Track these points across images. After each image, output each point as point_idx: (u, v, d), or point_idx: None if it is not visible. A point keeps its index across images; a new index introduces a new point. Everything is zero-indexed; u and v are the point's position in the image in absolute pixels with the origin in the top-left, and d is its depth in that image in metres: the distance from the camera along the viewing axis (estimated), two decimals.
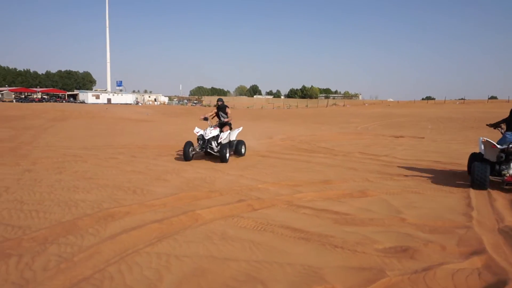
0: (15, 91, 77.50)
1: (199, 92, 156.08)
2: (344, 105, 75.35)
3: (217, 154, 10.00)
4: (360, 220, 5.22)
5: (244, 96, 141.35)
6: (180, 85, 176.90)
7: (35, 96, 78.38)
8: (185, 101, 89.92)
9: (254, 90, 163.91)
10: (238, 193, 6.59)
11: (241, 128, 11.91)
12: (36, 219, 5.05)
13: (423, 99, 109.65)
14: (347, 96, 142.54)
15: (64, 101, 75.40)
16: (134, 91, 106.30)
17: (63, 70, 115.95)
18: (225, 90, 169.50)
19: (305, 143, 15.00)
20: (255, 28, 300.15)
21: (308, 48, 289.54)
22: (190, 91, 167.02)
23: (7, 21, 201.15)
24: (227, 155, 9.98)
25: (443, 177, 8.28)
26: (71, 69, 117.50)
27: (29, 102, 64.17)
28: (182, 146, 10.18)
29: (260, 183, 7.45)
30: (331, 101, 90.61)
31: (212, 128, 10.35)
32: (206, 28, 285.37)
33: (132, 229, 4.66)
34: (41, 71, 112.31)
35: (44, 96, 79.85)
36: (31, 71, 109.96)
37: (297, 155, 11.64)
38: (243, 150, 11.04)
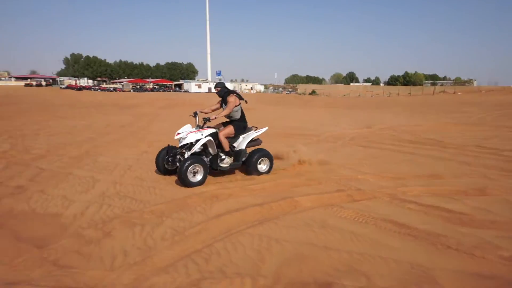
0: (132, 82, 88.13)
1: (293, 80, 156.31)
2: (454, 92, 67.47)
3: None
4: (479, 221, 4.67)
5: (340, 84, 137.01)
6: (275, 74, 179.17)
7: (147, 86, 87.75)
8: (280, 89, 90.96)
9: (350, 78, 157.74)
10: (337, 182, 6.46)
11: (263, 130, 7.38)
12: (153, 195, 5.69)
13: None
14: (458, 82, 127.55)
15: (171, 90, 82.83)
16: (232, 80, 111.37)
17: (170, 62, 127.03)
18: (320, 77, 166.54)
19: (408, 134, 13.92)
20: (352, 13, 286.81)
21: (411, 32, 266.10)
22: (285, 79, 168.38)
23: (126, 22, 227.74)
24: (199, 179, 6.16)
25: None
26: (176, 61, 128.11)
27: (143, 91, 72.11)
28: (279, 134, 10.27)
29: (359, 174, 7.19)
30: (438, 88, 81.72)
31: (194, 129, 6.60)
32: (301, 15, 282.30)
33: (235, 211, 4.94)
34: (152, 63, 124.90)
35: (155, 86, 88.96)
36: (144, 64, 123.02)
37: (400, 146, 10.88)
38: (263, 167, 7.04)
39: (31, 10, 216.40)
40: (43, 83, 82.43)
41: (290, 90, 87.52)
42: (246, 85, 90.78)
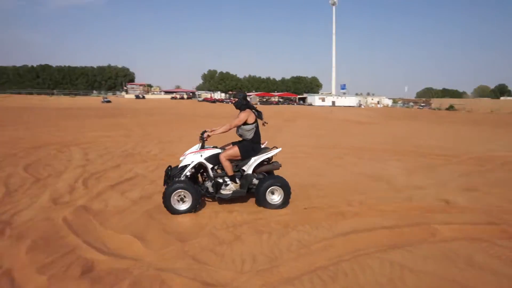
0: (259, 95, 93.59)
1: (427, 94, 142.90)
2: None
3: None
4: None
5: (486, 98, 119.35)
6: (406, 87, 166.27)
7: (273, 100, 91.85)
8: (411, 103, 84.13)
9: (501, 91, 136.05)
10: (486, 213, 5.54)
11: (275, 151, 5.93)
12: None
13: None
14: None
15: (295, 104, 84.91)
16: (357, 94, 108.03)
17: (295, 76, 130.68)
18: (460, 91, 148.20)
19: None
20: (502, 9, 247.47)
21: None
22: (417, 93, 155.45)
23: (256, 40, 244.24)
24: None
25: None
26: (301, 75, 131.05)
27: (268, 104, 75.73)
28: (411, 152, 9.43)
29: None
30: None
31: (195, 150, 5.75)
32: (437, 19, 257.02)
33: (362, 231, 4.69)
34: (278, 77, 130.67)
35: (280, 99, 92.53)
36: (271, 78, 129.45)
37: None
38: (275, 198, 5.72)
39: (177, 36, 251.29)
40: (185, 96, 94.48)
41: (422, 104, 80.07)
42: (372, 99, 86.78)
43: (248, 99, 6.06)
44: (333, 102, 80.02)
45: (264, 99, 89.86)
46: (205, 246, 4.17)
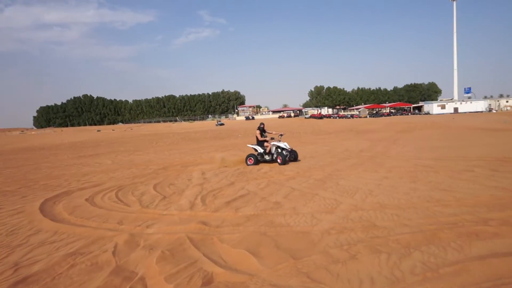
0: (368, 108, 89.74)
1: None
2: None
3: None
4: None
5: None
6: None
7: (384, 111, 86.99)
8: None
9: None
10: None
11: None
12: (397, 223, 5.36)
13: None
14: None
15: (409, 114, 78.76)
16: (485, 97, 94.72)
17: (408, 84, 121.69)
18: None
19: None
20: None
21: None
22: None
23: (362, 51, 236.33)
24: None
25: None
26: (416, 82, 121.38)
27: (379, 116, 71.93)
28: None
29: None
30: None
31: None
32: None
33: (506, 255, 3.95)
34: (389, 87, 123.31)
35: (391, 110, 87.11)
36: (382, 88, 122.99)
37: None
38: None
39: (282, 55, 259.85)
40: (292, 114, 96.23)
41: None
42: (507, 101, 74.93)
43: (357, 112, 6.19)
44: (456, 109, 71.88)
45: (374, 111, 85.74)
46: (319, 264, 4.03)
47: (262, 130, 13.61)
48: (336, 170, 10.55)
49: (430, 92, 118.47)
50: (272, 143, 13.07)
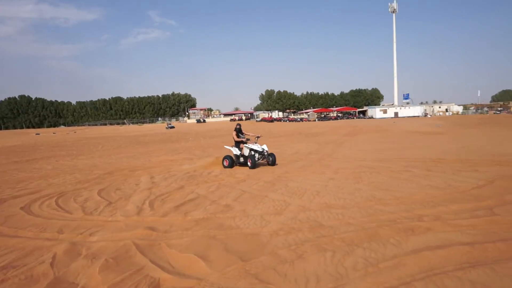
0: (317, 112, 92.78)
1: (505, 96, 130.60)
2: None
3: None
4: None
5: None
6: (478, 91, 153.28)
7: (331, 115, 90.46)
8: (485, 109, 77.44)
9: None
10: None
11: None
12: (342, 222, 5.59)
13: None
14: None
15: (354, 117, 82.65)
16: (422, 103, 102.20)
17: (354, 89, 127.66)
18: None
19: None
20: None
21: None
22: (492, 97, 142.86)
23: (314, 58, 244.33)
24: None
25: None
26: (360, 88, 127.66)
27: (327, 120, 74.68)
28: (489, 161, 8.58)
29: None
30: None
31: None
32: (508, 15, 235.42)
33: (437, 248, 4.29)
34: (336, 92, 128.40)
35: (338, 114, 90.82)
36: (329, 93, 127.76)
37: None
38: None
39: (234, 59, 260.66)
40: (243, 117, 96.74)
41: (499, 109, 73.34)
42: (439, 107, 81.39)
43: (306, 116, 6.38)
44: (396, 113, 76.59)
45: (322, 115, 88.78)
46: (267, 265, 4.09)
47: (238, 131, 12.94)
48: (285, 172, 10.77)
49: (374, 97, 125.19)
50: (245, 145, 12.49)
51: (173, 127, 69.14)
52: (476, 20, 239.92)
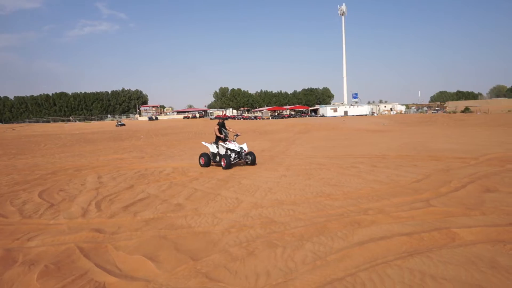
0: (271, 110, 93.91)
1: (441, 97, 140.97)
2: None
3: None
4: None
5: (503, 98, 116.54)
6: (419, 92, 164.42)
7: (285, 113, 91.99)
8: (425, 108, 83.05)
9: None
10: (509, 214, 5.32)
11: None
12: (293, 217, 5.72)
13: None
14: None
15: (307, 116, 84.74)
16: (369, 102, 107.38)
17: (306, 88, 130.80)
18: (475, 92, 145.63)
19: None
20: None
21: None
22: (431, 97, 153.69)
23: (267, 56, 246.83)
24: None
25: None
26: (312, 87, 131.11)
27: (280, 118, 75.83)
28: (427, 156, 9.25)
29: None
30: None
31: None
32: (445, 22, 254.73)
33: (380, 239, 4.54)
34: (289, 91, 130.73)
35: (291, 112, 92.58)
36: (282, 92, 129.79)
37: None
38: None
39: (187, 56, 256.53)
40: (197, 115, 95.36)
41: (436, 108, 79.02)
42: (385, 106, 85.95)
43: (260, 114, 6.51)
44: (345, 112, 79.60)
45: (276, 113, 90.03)
46: (218, 263, 4.08)
47: (222, 126, 11.76)
48: (238, 170, 10.80)
49: (325, 96, 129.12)
50: (220, 144, 11.42)
51: (123, 124, 66.42)
52: (416, 26, 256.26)
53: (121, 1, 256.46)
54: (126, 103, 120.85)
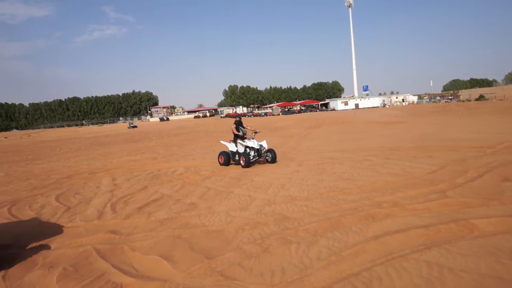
0: (281, 106, 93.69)
1: (454, 86, 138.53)
2: None
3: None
4: None
5: None
6: (431, 81, 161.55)
7: (295, 108, 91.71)
8: (437, 98, 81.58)
9: None
10: None
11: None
12: (306, 213, 5.69)
13: None
14: None
15: (317, 110, 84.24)
16: (380, 94, 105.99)
17: (316, 82, 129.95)
18: (490, 79, 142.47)
19: None
20: None
21: None
22: (443, 87, 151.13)
23: (275, 52, 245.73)
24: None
25: None
26: (322, 81, 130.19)
27: (290, 113, 75.59)
28: (441, 147, 9.07)
29: None
30: None
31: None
32: (455, 10, 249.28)
33: (395, 232, 4.48)
34: (299, 86, 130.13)
35: (301, 108, 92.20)
36: (292, 87, 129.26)
37: None
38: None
39: (196, 55, 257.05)
40: (208, 114, 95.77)
41: (450, 97, 77.48)
42: (396, 97, 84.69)
43: (270, 110, 6.49)
44: (356, 105, 78.85)
45: (286, 109, 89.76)
46: (232, 261, 4.09)
47: (239, 124, 11.47)
48: (251, 167, 10.79)
49: (335, 90, 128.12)
50: (239, 142, 11.16)
51: (135, 126, 67.15)
52: (427, 15, 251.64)
53: (127, 4, 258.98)
54: (137, 105, 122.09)
